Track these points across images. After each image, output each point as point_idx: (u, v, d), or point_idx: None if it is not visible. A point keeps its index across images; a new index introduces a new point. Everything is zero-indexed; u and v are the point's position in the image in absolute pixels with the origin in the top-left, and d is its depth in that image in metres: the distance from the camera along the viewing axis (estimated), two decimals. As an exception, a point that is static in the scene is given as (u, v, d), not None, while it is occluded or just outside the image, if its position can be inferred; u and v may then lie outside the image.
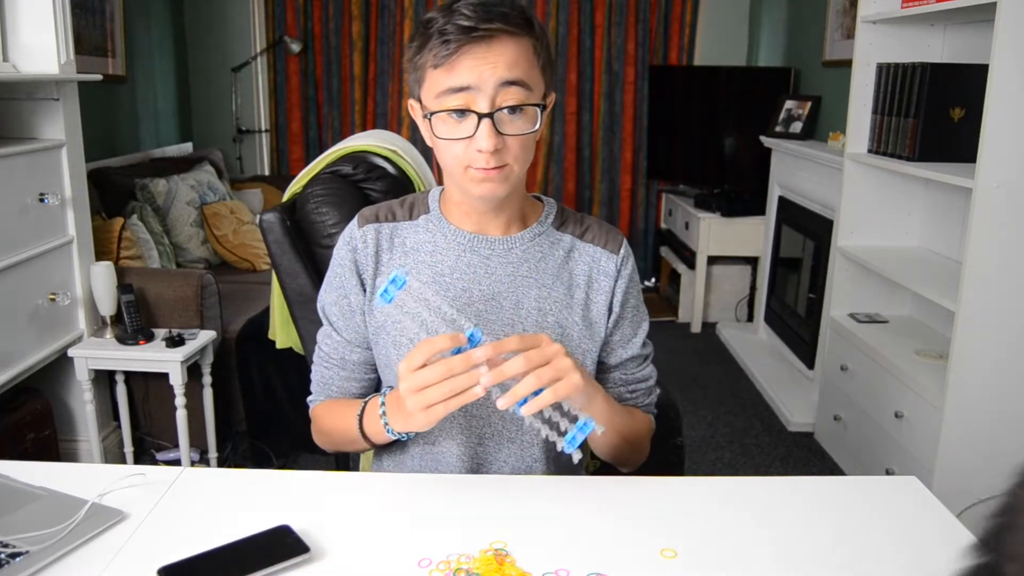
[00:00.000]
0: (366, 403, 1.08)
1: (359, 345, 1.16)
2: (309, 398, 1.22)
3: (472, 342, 0.91)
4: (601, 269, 1.14)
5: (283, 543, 0.86)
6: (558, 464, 1.18)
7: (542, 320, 1.10)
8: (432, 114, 1.00)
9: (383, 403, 1.02)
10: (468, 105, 0.98)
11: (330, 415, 1.16)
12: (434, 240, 1.12)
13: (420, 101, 1.04)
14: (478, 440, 1.12)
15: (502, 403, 0.90)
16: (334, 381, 1.18)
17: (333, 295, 1.16)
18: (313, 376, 1.21)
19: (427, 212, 1.14)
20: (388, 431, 1.02)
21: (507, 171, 1.01)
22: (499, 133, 0.98)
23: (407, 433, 1.03)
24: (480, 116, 0.97)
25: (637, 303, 1.18)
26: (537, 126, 1.01)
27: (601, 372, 1.18)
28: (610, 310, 1.15)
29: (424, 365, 0.91)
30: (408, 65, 1.04)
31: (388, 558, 0.86)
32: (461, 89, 0.97)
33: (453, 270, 1.10)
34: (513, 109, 0.99)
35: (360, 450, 1.14)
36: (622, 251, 1.15)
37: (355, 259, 1.13)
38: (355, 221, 1.15)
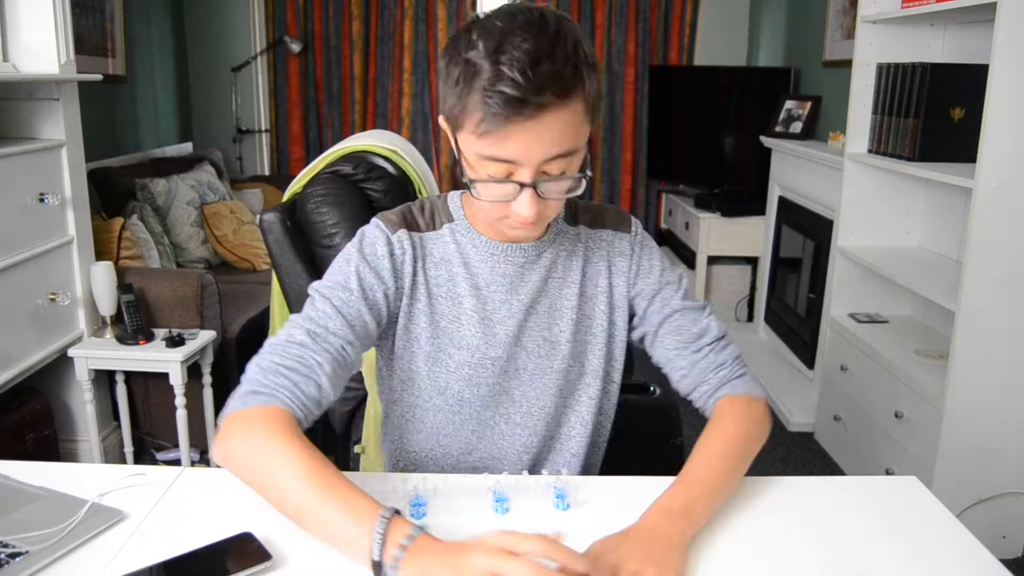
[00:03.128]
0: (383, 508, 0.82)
1: (353, 329, 0.99)
2: (249, 375, 1.02)
3: (417, 504, 0.95)
4: (616, 251, 1.13)
5: (245, 550, 0.85)
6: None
7: (575, 316, 1.10)
8: (472, 181, 0.94)
9: (413, 536, 0.78)
10: (510, 173, 0.92)
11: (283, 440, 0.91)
12: (464, 252, 1.07)
13: (452, 127, 0.95)
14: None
15: None
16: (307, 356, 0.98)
17: (342, 294, 1.00)
18: (267, 347, 1.02)
19: (450, 220, 1.08)
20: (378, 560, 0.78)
21: (544, 221, 1.00)
22: (540, 198, 0.94)
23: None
24: (522, 185, 0.92)
25: (663, 267, 1.15)
26: (580, 190, 0.98)
27: (656, 343, 1.13)
28: (633, 285, 1.13)
29: None
30: (444, 88, 0.93)
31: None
32: (505, 161, 0.91)
33: (489, 282, 1.07)
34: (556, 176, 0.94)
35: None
36: (633, 227, 1.15)
37: (393, 260, 1.04)
38: (381, 224, 1.05)
